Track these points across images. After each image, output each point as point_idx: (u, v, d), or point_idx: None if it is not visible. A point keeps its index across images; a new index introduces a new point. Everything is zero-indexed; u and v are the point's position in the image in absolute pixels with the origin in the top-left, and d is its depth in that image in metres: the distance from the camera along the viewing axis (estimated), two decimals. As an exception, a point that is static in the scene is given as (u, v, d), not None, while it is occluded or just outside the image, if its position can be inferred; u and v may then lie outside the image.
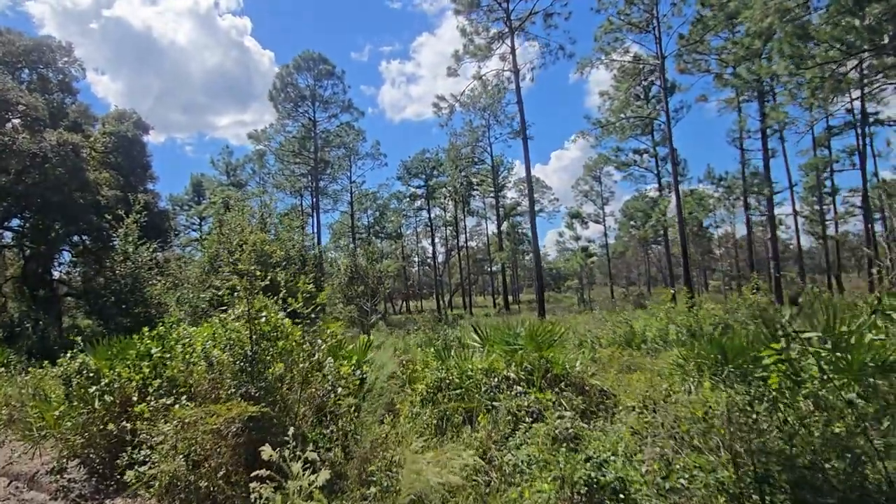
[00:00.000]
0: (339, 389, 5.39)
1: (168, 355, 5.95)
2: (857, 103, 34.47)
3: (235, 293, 5.62)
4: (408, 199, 63.79)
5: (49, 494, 5.84)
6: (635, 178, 53.20)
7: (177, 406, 4.87)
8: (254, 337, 5.51)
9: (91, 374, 6.22)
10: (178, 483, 4.58)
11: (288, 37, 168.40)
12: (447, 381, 5.89)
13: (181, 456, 4.55)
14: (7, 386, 10.16)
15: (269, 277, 5.74)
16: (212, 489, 4.69)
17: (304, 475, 3.55)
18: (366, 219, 63.22)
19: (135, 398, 5.98)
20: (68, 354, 6.83)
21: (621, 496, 3.73)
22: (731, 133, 41.43)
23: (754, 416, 3.80)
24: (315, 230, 46.75)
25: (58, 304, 28.67)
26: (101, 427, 6.01)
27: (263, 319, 5.59)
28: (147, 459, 4.88)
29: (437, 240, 67.98)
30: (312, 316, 6.11)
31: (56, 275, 30.85)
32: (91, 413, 6.12)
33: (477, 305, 63.03)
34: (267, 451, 3.61)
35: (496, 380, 5.73)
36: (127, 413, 6.04)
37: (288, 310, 5.97)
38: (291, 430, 4.93)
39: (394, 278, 54.64)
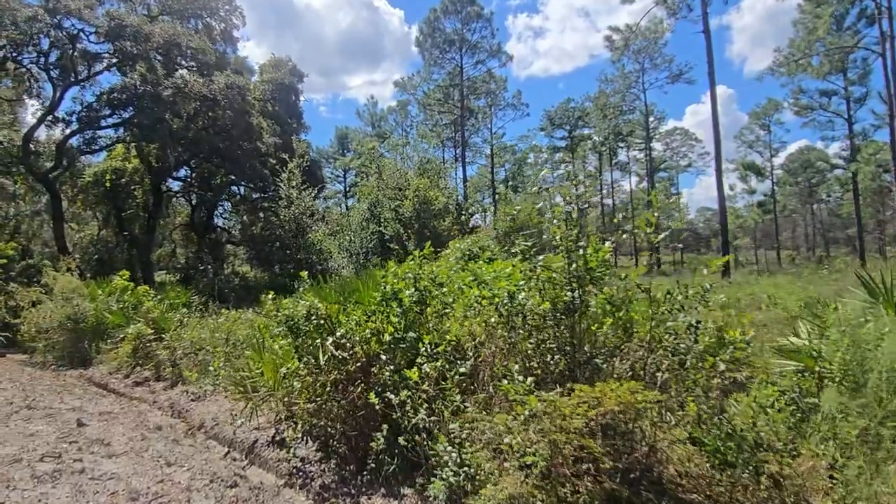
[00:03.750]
0: (722, 365, 3.32)
1: (446, 296, 4.20)
2: None
3: (545, 214, 3.73)
4: (548, 151, 60.34)
5: (279, 477, 4.42)
6: (820, 124, 45.60)
7: (505, 382, 3.04)
8: (572, 279, 3.59)
9: (322, 322, 4.67)
10: (508, 506, 2.79)
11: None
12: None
13: (523, 468, 2.73)
14: (198, 328, 9.33)
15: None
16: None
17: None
18: (503, 172, 60.75)
19: (383, 357, 4.37)
20: (271, 296, 5.42)
21: None
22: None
23: None
24: (462, 183, 45.27)
25: (222, 249, 29.77)
26: (339, 390, 4.48)
27: (581, 251, 3.64)
28: (445, 461, 3.15)
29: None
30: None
31: (218, 222, 32.13)
32: (318, 373, 4.62)
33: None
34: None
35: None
36: (369, 376, 4.45)
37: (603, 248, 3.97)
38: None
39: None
